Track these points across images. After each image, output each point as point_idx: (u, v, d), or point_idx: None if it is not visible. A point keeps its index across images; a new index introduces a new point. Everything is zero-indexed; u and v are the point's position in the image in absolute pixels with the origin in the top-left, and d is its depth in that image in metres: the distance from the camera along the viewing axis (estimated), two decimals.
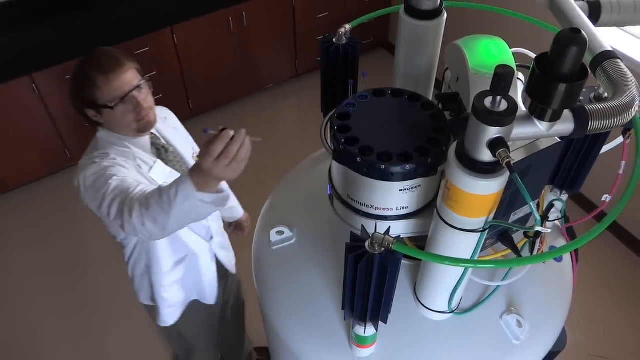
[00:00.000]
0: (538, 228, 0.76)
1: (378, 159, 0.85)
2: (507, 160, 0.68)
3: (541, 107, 0.72)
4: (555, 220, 1.11)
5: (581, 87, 0.69)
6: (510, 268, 1.04)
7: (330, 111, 1.19)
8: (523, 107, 0.84)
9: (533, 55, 0.76)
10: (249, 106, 3.72)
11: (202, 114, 3.59)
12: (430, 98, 1.21)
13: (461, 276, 0.93)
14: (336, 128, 0.91)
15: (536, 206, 0.95)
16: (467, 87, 0.89)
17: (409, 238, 1.01)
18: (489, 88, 0.68)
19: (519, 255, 0.97)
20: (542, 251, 1.03)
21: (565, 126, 0.74)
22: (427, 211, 0.96)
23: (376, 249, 0.77)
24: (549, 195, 1.12)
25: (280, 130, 3.58)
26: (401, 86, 1.17)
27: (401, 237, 1.00)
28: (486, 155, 0.71)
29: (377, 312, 0.89)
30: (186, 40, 3.21)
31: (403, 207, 0.93)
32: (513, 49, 0.96)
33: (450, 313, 1.03)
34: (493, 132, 0.69)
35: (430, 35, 1.10)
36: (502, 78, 0.66)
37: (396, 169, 0.84)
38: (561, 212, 1.11)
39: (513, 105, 0.68)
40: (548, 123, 0.74)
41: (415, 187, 0.89)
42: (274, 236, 1.19)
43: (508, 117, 0.68)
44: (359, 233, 0.81)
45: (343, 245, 0.82)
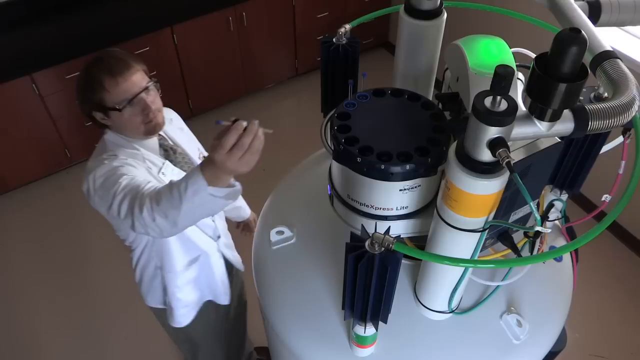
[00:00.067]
0: (538, 228, 0.76)
1: (378, 159, 0.85)
2: (507, 160, 0.68)
3: (541, 107, 0.72)
4: (555, 220, 1.11)
5: (581, 87, 0.69)
6: (510, 268, 1.04)
7: (330, 111, 1.19)
8: (523, 107, 0.84)
9: (533, 55, 0.76)
10: (249, 106, 3.72)
11: (202, 114, 3.59)
12: (430, 98, 1.21)
13: (461, 276, 0.93)
14: (336, 128, 0.91)
15: (536, 206, 0.95)
16: (467, 87, 0.89)
17: (409, 238, 1.01)
18: (489, 88, 0.68)
19: (519, 255, 0.97)
20: (542, 251, 1.03)
21: (565, 126, 0.74)
22: (427, 211, 0.96)
23: (376, 249, 0.77)
24: (549, 195, 1.11)
25: (280, 130, 3.57)
26: (401, 86, 1.17)
27: (401, 237, 1.00)
28: (486, 155, 0.71)
29: (377, 312, 0.89)
30: (186, 40, 3.21)
31: (403, 207, 0.93)
32: (513, 49, 0.96)
33: (450, 313, 1.03)
34: (493, 132, 0.69)
35: (430, 35, 1.10)
36: (502, 78, 0.66)
37: (396, 169, 0.84)
38: (561, 212, 1.11)
39: (513, 105, 0.68)
40: (548, 123, 0.74)
41: (415, 187, 0.89)
42: (274, 236, 1.19)
43: (508, 117, 0.68)
44: (359, 233, 0.81)
45: (343, 245, 0.81)
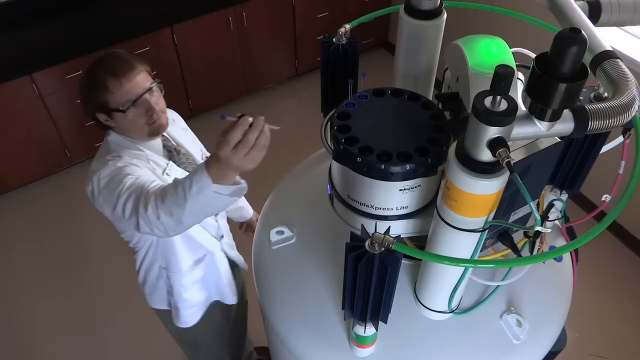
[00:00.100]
0: (538, 228, 0.76)
1: (378, 159, 0.85)
2: (507, 160, 0.68)
3: (541, 107, 0.72)
4: (555, 220, 1.11)
5: (581, 87, 0.69)
6: (510, 268, 1.04)
7: (330, 111, 1.19)
8: (523, 107, 0.84)
9: (533, 55, 0.76)
10: (249, 106, 3.72)
11: (202, 114, 3.59)
12: (430, 98, 1.21)
13: (461, 276, 0.93)
14: (336, 128, 0.91)
15: (536, 206, 0.95)
16: (467, 87, 0.89)
17: (409, 238, 1.01)
18: (489, 88, 0.68)
19: (519, 255, 0.97)
20: (542, 251, 1.03)
21: (565, 126, 0.74)
22: (427, 211, 0.96)
23: (376, 249, 0.76)
24: (549, 195, 1.11)
25: (280, 130, 3.58)
26: (401, 86, 1.17)
27: (401, 237, 1.00)
28: (486, 155, 0.71)
29: (377, 312, 0.89)
30: (186, 40, 3.21)
31: (403, 207, 0.93)
32: (513, 49, 0.96)
33: (450, 313, 1.03)
34: (493, 132, 0.69)
35: (430, 35, 1.10)
36: (502, 78, 0.66)
37: (396, 169, 0.84)
38: (561, 212, 1.11)
39: (513, 105, 0.68)
40: (548, 123, 0.74)
41: (415, 187, 0.89)
42: (274, 236, 1.19)
43: (508, 117, 0.68)
44: (359, 233, 0.81)
45: (343, 245, 0.81)
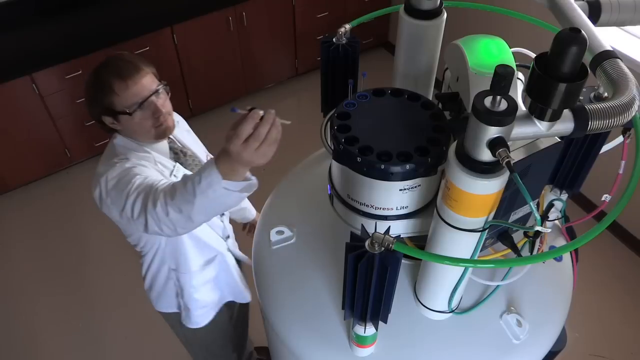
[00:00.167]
0: (538, 228, 0.76)
1: (378, 159, 0.85)
2: (507, 159, 0.68)
3: (541, 107, 0.72)
4: (555, 219, 1.11)
5: (581, 87, 0.69)
6: (510, 268, 1.04)
7: (330, 111, 1.19)
8: (523, 107, 0.84)
9: (533, 55, 0.76)
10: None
11: (202, 114, 3.59)
12: (430, 98, 1.21)
13: (461, 276, 0.93)
14: (336, 128, 0.91)
15: (536, 206, 0.95)
16: (467, 87, 0.89)
17: (409, 238, 1.01)
18: (489, 88, 0.68)
19: (519, 255, 0.97)
20: (542, 251, 1.03)
21: (565, 126, 0.74)
22: (427, 211, 0.96)
23: (376, 249, 0.76)
24: (549, 195, 1.11)
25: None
26: (401, 86, 1.17)
27: (401, 237, 1.00)
28: (486, 154, 0.71)
29: (377, 312, 0.89)
30: (186, 40, 3.21)
31: (403, 207, 0.93)
32: (513, 49, 0.96)
33: (450, 313, 1.03)
34: (493, 132, 0.69)
35: (430, 35, 1.10)
36: (502, 78, 0.66)
37: (396, 169, 0.84)
38: (561, 212, 1.11)
39: (513, 105, 0.68)
40: (548, 123, 0.74)
41: (415, 187, 0.89)
42: (274, 236, 1.19)
43: (508, 117, 0.68)
44: (359, 233, 0.81)
45: (343, 245, 0.81)
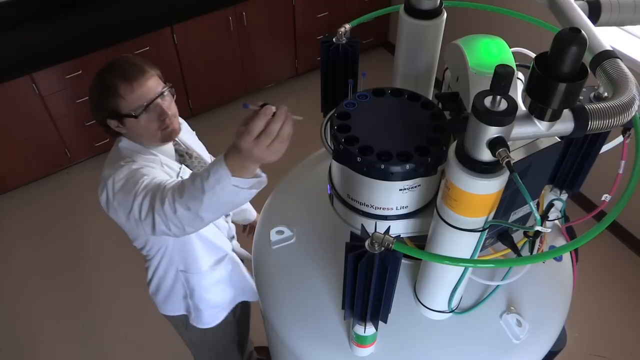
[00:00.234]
0: (538, 227, 0.76)
1: (378, 159, 0.85)
2: (507, 159, 0.68)
3: (541, 107, 0.72)
4: (555, 219, 1.11)
5: (581, 87, 0.69)
6: (510, 267, 1.04)
7: (330, 111, 1.19)
8: (523, 107, 0.84)
9: (533, 54, 0.76)
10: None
11: (202, 114, 3.59)
12: (430, 97, 1.21)
13: (461, 276, 0.93)
14: (336, 128, 0.91)
15: (536, 206, 0.95)
16: (467, 87, 0.89)
17: (409, 237, 1.01)
18: (489, 87, 0.68)
19: (519, 254, 0.97)
20: (542, 251, 1.03)
21: (565, 126, 0.74)
22: (427, 211, 0.96)
23: (376, 249, 0.76)
24: (549, 194, 1.11)
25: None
26: (401, 86, 1.17)
27: (401, 237, 1.00)
28: (486, 154, 0.71)
29: (377, 312, 0.89)
30: (186, 40, 3.21)
31: (403, 207, 0.93)
32: (513, 49, 0.96)
33: (450, 312, 1.03)
34: (493, 132, 0.69)
35: (430, 34, 1.10)
36: (502, 78, 0.66)
37: (396, 169, 0.84)
38: (561, 212, 1.11)
39: (513, 104, 0.68)
40: (548, 123, 0.74)
41: (415, 187, 0.89)
42: (274, 236, 1.19)
43: (508, 117, 0.67)
44: (359, 232, 0.81)
45: (343, 244, 0.81)
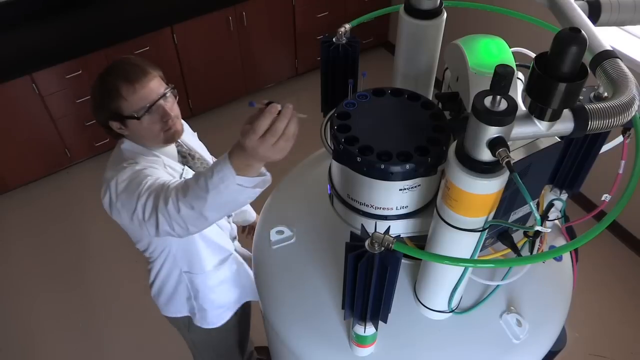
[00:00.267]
0: (538, 227, 0.76)
1: (378, 159, 0.85)
2: (507, 159, 0.68)
3: (541, 107, 0.72)
4: (555, 219, 1.11)
5: (581, 87, 0.69)
6: (510, 267, 1.04)
7: (330, 111, 1.19)
8: (523, 107, 0.84)
9: (533, 54, 0.76)
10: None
11: (202, 114, 3.59)
12: (430, 97, 1.21)
13: (461, 275, 0.93)
14: (336, 127, 0.91)
15: (536, 206, 0.95)
16: (467, 87, 0.89)
17: (409, 237, 1.01)
18: (489, 87, 0.68)
19: (519, 254, 0.97)
20: (542, 250, 1.03)
21: (564, 126, 0.74)
22: (427, 210, 0.96)
23: (376, 249, 0.77)
24: (549, 194, 1.11)
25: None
26: (401, 86, 1.17)
27: (401, 237, 1.00)
28: (486, 154, 0.71)
29: (377, 312, 0.89)
30: (186, 40, 3.21)
31: (403, 207, 0.93)
32: (513, 49, 0.96)
33: (450, 312, 1.03)
34: (493, 132, 0.69)
35: (430, 34, 1.10)
36: (502, 77, 0.66)
37: (396, 169, 0.84)
38: (561, 212, 1.11)
39: (513, 104, 0.68)
40: (548, 122, 0.74)
41: (415, 187, 0.89)
42: (274, 236, 1.19)
43: (508, 117, 0.68)
44: (359, 232, 0.81)
45: (343, 244, 0.81)
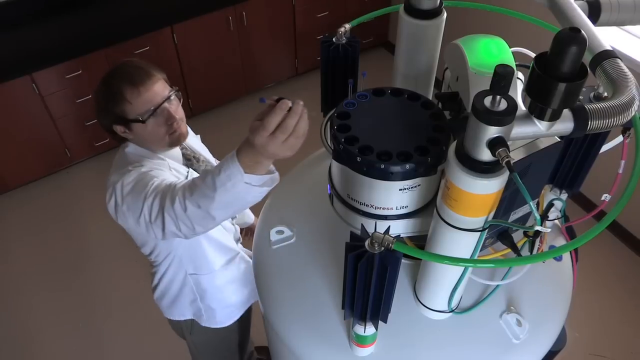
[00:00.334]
0: (538, 227, 0.76)
1: (378, 159, 0.85)
2: (507, 159, 0.68)
3: (541, 107, 0.72)
4: (555, 219, 1.11)
5: (581, 87, 0.69)
6: (510, 267, 1.04)
7: (330, 111, 1.19)
8: (523, 107, 0.84)
9: (533, 54, 0.76)
10: (249, 106, 3.72)
11: (202, 114, 3.59)
12: (430, 97, 1.21)
13: (461, 275, 0.93)
14: (336, 127, 0.91)
15: (536, 205, 0.95)
16: (467, 87, 0.89)
17: (409, 237, 1.01)
18: (489, 87, 0.68)
19: (519, 254, 0.97)
20: (542, 250, 1.03)
21: (564, 125, 0.74)
22: (427, 210, 0.96)
23: (376, 249, 0.76)
24: (549, 194, 1.12)
25: None
26: (401, 85, 1.17)
27: (401, 237, 1.00)
28: (486, 154, 0.71)
29: (377, 312, 0.89)
30: (186, 40, 3.21)
31: (403, 207, 0.93)
32: (513, 49, 0.96)
33: (450, 312, 1.03)
34: (493, 132, 0.69)
35: (430, 34, 1.10)
36: (502, 77, 0.66)
37: (396, 169, 0.84)
38: (561, 212, 1.11)
39: (513, 104, 0.68)
40: (547, 122, 0.74)
41: (415, 187, 0.89)
42: (274, 236, 1.19)
43: (508, 117, 0.67)
44: (359, 232, 0.81)
45: (343, 244, 0.81)
